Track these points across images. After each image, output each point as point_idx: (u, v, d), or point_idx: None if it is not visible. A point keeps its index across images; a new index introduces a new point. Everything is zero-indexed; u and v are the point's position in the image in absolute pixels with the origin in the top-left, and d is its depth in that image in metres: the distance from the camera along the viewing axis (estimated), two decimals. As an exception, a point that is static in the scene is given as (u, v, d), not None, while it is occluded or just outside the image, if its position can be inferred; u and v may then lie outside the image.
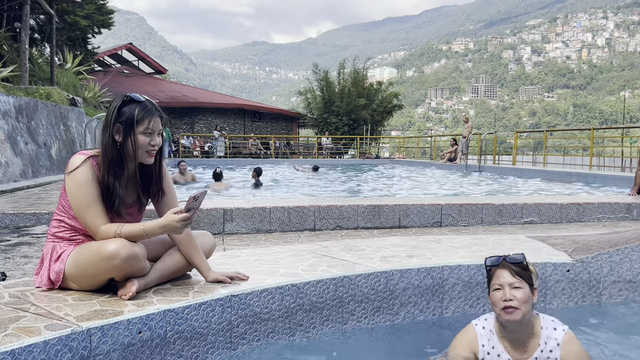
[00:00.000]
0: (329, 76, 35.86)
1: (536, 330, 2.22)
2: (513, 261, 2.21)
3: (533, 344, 2.20)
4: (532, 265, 2.27)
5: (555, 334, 2.20)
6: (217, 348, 2.29)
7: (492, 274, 2.24)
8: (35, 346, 1.74)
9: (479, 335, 2.29)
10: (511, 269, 2.18)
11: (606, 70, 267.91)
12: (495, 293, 2.19)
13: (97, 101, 20.84)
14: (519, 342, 2.22)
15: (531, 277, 2.22)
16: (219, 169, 10.77)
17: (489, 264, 2.27)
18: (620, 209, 6.00)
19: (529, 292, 2.17)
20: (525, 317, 2.16)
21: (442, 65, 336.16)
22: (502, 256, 2.25)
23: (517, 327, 2.19)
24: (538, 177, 12.81)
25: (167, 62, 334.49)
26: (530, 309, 2.18)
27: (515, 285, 2.15)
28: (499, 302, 2.16)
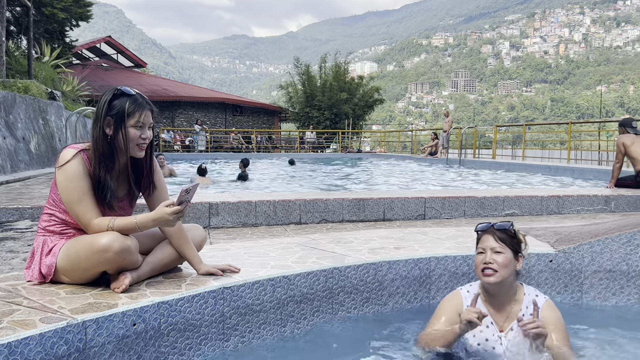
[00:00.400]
0: (310, 70, 35.80)
1: (519, 297, 2.34)
2: (499, 227, 2.33)
3: (515, 309, 2.31)
4: (521, 234, 2.38)
5: (536, 300, 2.31)
6: (210, 339, 2.32)
7: (479, 239, 2.37)
8: (32, 339, 1.75)
9: (463, 297, 2.40)
10: (495, 235, 2.30)
11: (583, 65, 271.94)
12: (478, 256, 2.32)
13: (75, 95, 20.56)
14: (501, 306, 2.32)
15: (517, 245, 2.33)
16: (204, 165, 10.74)
17: (479, 229, 2.39)
18: (598, 201, 6.14)
19: (511, 258, 2.28)
20: (505, 281, 2.26)
21: (422, 59, 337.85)
22: (490, 223, 2.38)
23: (497, 290, 2.30)
24: (518, 170, 13.01)
25: (146, 56, 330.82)
26: (511, 274, 2.28)
27: (496, 250, 2.27)
28: (480, 264, 2.28)
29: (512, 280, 2.31)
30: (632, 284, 3.13)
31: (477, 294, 2.36)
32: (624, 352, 2.50)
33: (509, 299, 2.33)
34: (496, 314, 2.33)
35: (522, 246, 2.35)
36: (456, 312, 2.38)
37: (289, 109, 35.92)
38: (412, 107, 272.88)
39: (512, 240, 2.32)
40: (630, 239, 3.12)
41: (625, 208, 6.22)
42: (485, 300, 2.36)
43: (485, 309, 2.34)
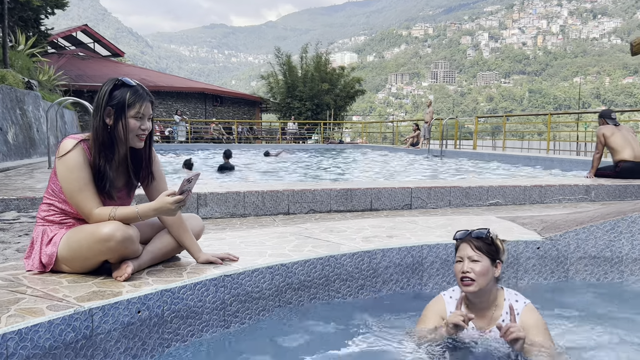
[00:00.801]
0: (291, 61, 35.67)
1: (499, 302, 2.37)
2: (476, 235, 2.35)
3: (496, 315, 2.35)
4: (500, 240, 2.40)
5: (516, 305, 2.34)
6: (211, 326, 2.36)
7: (457, 247, 2.39)
8: (41, 326, 1.77)
9: (446, 303, 2.45)
10: (472, 243, 2.32)
11: (560, 57, 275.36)
12: (456, 265, 2.36)
13: (52, 85, 20.22)
14: (482, 311, 2.36)
15: (495, 252, 2.35)
16: (192, 159, 10.72)
17: (457, 237, 2.42)
18: (579, 191, 6.29)
19: (488, 266, 2.30)
20: (483, 289, 2.30)
21: (402, 50, 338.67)
22: (468, 230, 2.40)
23: (476, 297, 2.33)
24: (498, 161, 13.20)
25: (122, 45, 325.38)
26: (489, 281, 2.31)
27: (473, 259, 2.30)
28: (458, 273, 2.32)
29: (491, 287, 2.34)
30: (615, 270, 3.25)
31: (462, 296, 2.39)
32: (608, 335, 2.60)
33: (489, 304, 2.36)
34: (477, 320, 2.36)
35: (500, 253, 2.38)
36: (439, 316, 2.43)
37: (270, 99, 35.80)
38: (392, 98, 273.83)
39: (490, 248, 2.34)
40: (613, 226, 3.23)
41: (605, 197, 6.38)
42: (467, 306, 2.40)
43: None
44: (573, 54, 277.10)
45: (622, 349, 2.40)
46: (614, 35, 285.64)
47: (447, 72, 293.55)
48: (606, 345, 2.44)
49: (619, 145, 7.05)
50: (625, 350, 2.39)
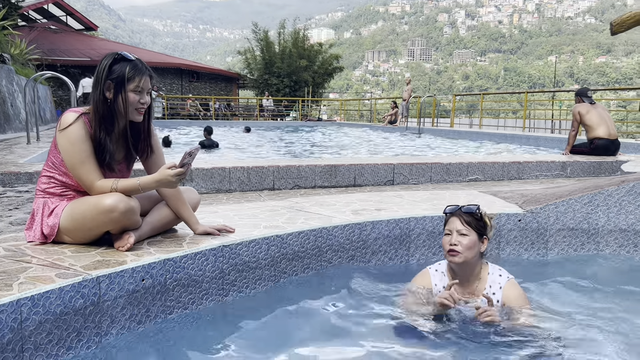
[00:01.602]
0: (268, 36, 35.30)
1: (483, 276, 2.48)
2: (466, 211, 2.46)
3: (480, 288, 2.46)
4: (489, 217, 2.50)
5: (499, 279, 2.47)
6: (210, 294, 2.44)
7: (447, 220, 2.50)
8: (52, 292, 1.84)
9: (431, 275, 2.57)
10: (462, 218, 2.43)
11: (535, 35, 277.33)
12: (445, 237, 2.46)
13: (24, 59, 19.73)
14: (466, 284, 2.47)
15: (483, 228, 2.46)
16: (169, 137, 10.58)
17: (447, 211, 2.52)
18: (555, 167, 6.49)
19: (475, 240, 2.41)
20: (468, 262, 2.40)
21: (379, 27, 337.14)
22: (458, 205, 2.51)
23: (461, 270, 2.44)
24: (475, 138, 13.41)
25: (94, 18, 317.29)
26: (475, 255, 2.42)
27: (462, 232, 2.40)
28: (446, 245, 2.42)
29: (476, 261, 2.44)
30: (591, 241, 3.42)
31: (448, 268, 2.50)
32: (582, 302, 2.76)
33: (473, 277, 2.46)
34: (462, 292, 2.47)
35: (488, 229, 2.48)
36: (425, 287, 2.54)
37: (247, 75, 35.47)
38: (369, 75, 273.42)
39: (478, 223, 2.44)
40: (591, 200, 3.38)
41: (580, 173, 6.60)
42: (453, 278, 2.50)
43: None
44: (548, 32, 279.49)
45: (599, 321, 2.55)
46: (588, 14, 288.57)
47: (423, 50, 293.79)
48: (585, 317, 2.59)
49: (594, 123, 7.26)
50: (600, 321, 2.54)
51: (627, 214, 3.38)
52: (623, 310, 2.60)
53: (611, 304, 2.68)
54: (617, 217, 3.39)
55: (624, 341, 2.28)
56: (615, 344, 2.24)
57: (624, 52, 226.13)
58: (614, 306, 2.66)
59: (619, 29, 3.41)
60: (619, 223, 3.38)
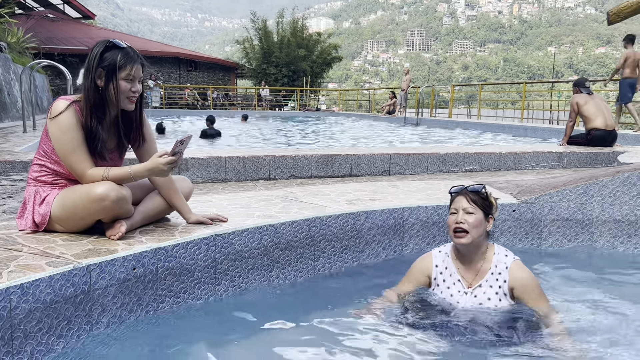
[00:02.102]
0: (267, 25, 35.11)
1: (488, 256, 2.45)
2: (472, 189, 2.43)
3: (484, 267, 2.43)
4: (493, 197, 2.48)
5: (505, 259, 2.43)
6: (202, 283, 2.44)
7: (452, 200, 2.47)
8: (42, 281, 1.83)
9: (434, 257, 2.55)
10: (468, 196, 2.41)
11: (535, 26, 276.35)
12: (450, 217, 2.43)
13: (21, 47, 19.61)
14: (471, 264, 2.45)
15: (489, 207, 2.43)
16: (163, 123, 10.54)
17: (452, 191, 2.50)
18: (552, 158, 6.48)
19: (482, 219, 2.38)
20: (474, 242, 2.37)
21: (379, 17, 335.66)
22: (464, 186, 2.49)
23: (467, 250, 2.42)
24: (473, 129, 13.39)
25: (92, 6, 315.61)
26: (481, 234, 2.39)
27: (468, 211, 2.37)
28: (452, 224, 2.39)
29: (482, 240, 2.41)
30: (585, 231, 3.42)
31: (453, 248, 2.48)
32: (578, 293, 2.76)
33: (478, 257, 2.43)
34: (465, 271, 2.45)
35: (493, 208, 2.46)
36: (424, 274, 2.53)
37: (245, 65, 35.32)
38: (368, 65, 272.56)
39: (484, 202, 2.42)
40: (585, 190, 3.38)
41: (577, 164, 6.59)
42: (456, 258, 2.49)
43: (454, 266, 2.48)
44: (548, 23, 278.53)
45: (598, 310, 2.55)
46: (588, 4, 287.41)
47: (423, 40, 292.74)
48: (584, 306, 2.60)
49: (592, 114, 7.24)
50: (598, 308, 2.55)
51: (621, 205, 3.38)
52: (617, 300, 2.61)
53: (605, 294, 2.69)
54: (612, 207, 3.38)
55: (618, 330, 2.28)
56: (608, 333, 2.25)
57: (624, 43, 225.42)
58: (608, 296, 2.66)
59: (616, 18, 3.39)
60: (613, 214, 3.38)
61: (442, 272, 2.50)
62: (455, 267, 2.48)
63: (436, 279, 2.51)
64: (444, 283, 2.48)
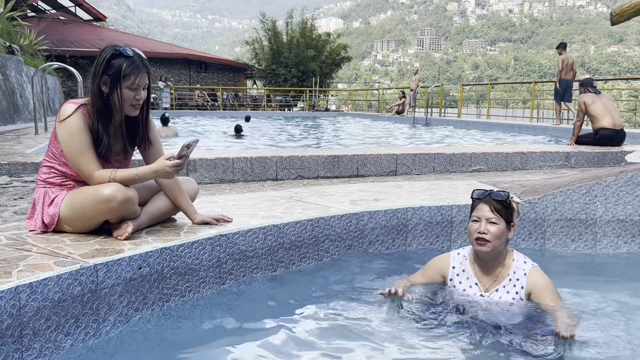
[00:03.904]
0: (276, 26, 35.19)
1: (507, 262, 2.43)
2: (496, 197, 2.36)
3: (503, 273, 2.42)
4: (515, 203, 2.44)
5: (524, 266, 2.41)
6: (207, 283, 2.49)
7: (475, 206, 2.40)
8: (50, 279, 1.89)
9: (452, 258, 2.55)
10: (492, 205, 2.34)
11: (546, 25, 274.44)
12: (472, 224, 2.38)
13: (34, 49, 19.83)
14: (489, 270, 2.44)
15: (511, 215, 2.39)
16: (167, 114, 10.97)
17: (475, 196, 2.42)
18: (559, 157, 6.47)
19: (504, 229, 2.34)
20: (496, 250, 2.35)
21: (389, 16, 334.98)
22: (487, 191, 2.41)
23: (487, 257, 2.40)
24: (482, 128, 13.37)
25: (103, 9, 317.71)
26: (502, 243, 2.37)
27: (492, 220, 2.32)
28: (474, 232, 2.35)
29: (503, 248, 2.39)
30: (589, 231, 3.43)
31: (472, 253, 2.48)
32: (583, 294, 2.78)
33: (497, 263, 2.42)
34: (483, 276, 2.45)
35: (515, 215, 2.41)
36: (440, 274, 2.54)
37: (254, 66, 35.42)
38: (378, 65, 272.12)
39: (507, 211, 2.36)
40: (589, 190, 3.39)
41: (584, 164, 6.58)
42: (474, 262, 2.47)
43: (472, 270, 2.47)
44: (559, 21, 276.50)
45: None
46: (600, 2, 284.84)
47: (433, 39, 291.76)
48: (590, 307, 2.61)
49: (599, 114, 7.22)
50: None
51: (624, 205, 3.39)
52: (620, 300, 2.62)
53: (609, 294, 2.70)
54: (615, 207, 3.39)
55: (621, 330, 2.29)
56: (612, 332, 2.26)
57: (636, 42, 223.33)
58: (611, 296, 2.67)
59: (619, 19, 3.40)
60: (617, 213, 3.39)
61: (458, 274, 2.51)
62: (472, 271, 2.48)
63: (452, 280, 2.52)
64: (460, 285, 2.50)
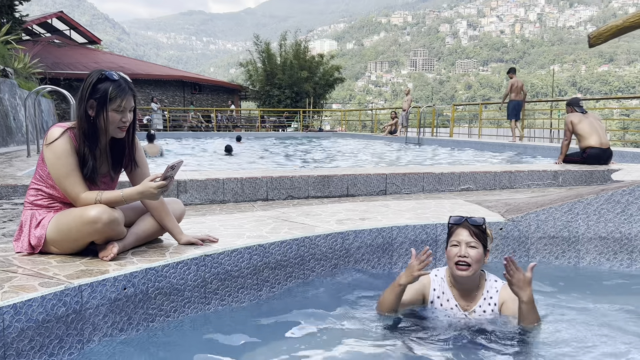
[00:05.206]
0: (270, 48, 35.56)
1: (482, 284, 2.52)
2: (474, 223, 2.44)
3: (478, 294, 2.51)
4: (489, 229, 2.53)
5: (495, 284, 2.51)
6: (193, 303, 2.51)
7: (453, 231, 2.47)
8: (34, 300, 1.91)
9: (432, 280, 2.58)
10: (470, 229, 2.42)
11: (537, 45, 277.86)
12: (452, 248, 2.44)
13: (28, 72, 19.94)
14: (466, 292, 2.51)
15: (487, 240, 2.48)
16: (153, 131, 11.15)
17: (452, 222, 2.49)
18: (547, 176, 6.55)
19: (482, 253, 2.43)
20: (475, 274, 2.43)
21: (382, 38, 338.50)
22: (464, 217, 2.49)
23: (466, 280, 2.46)
24: (473, 148, 13.48)
25: (98, 32, 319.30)
26: (480, 267, 2.45)
27: (471, 245, 2.40)
28: (454, 257, 2.41)
29: (479, 272, 2.47)
30: (572, 249, 3.48)
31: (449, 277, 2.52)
32: (565, 310, 2.81)
33: (474, 286, 2.49)
34: (461, 298, 2.52)
35: (489, 241, 2.50)
36: (420, 293, 2.57)
37: (249, 87, 35.69)
38: (372, 85, 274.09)
39: (483, 236, 2.45)
40: (571, 208, 3.45)
41: (572, 182, 6.66)
42: (452, 285, 2.53)
43: (451, 292, 2.53)
44: (550, 42, 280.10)
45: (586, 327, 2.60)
46: (589, 23, 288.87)
47: (426, 60, 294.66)
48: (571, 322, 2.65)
49: (586, 133, 7.32)
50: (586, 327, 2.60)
51: (606, 222, 3.44)
52: (604, 316, 2.66)
53: (592, 311, 2.74)
54: (597, 225, 3.45)
55: (604, 346, 2.33)
56: (595, 349, 2.29)
57: (626, 61, 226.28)
58: (594, 312, 2.71)
59: (596, 41, 3.49)
60: (598, 231, 3.44)
61: (439, 297, 2.56)
62: (451, 293, 2.54)
63: (433, 302, 2.57)
64: (442, 307, 2.55)
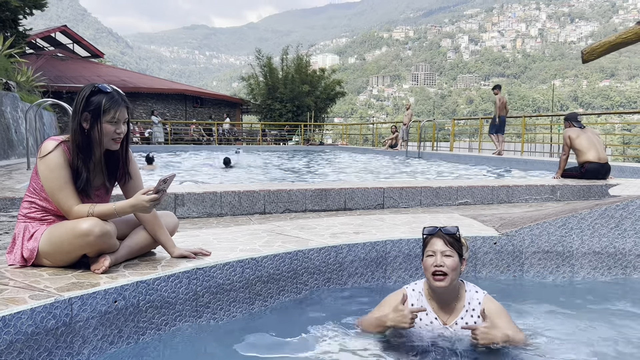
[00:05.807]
0: (272, 62, 35.76)
1: (461, 295, 2.50)
2: (447, 232, 2.46)
3: (459, 306, 2.49)
4: (464, 238, 2.55)
5: (477, 295, 2.50)
6: (184, 316, 2.52)
7: (427, 242, 2.49)
8: (24, 313, 1.92)
9: (408, 295, 2.56)
10: (445, 239, 2.44)
11: (539, 60, 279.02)
12: (427, 259, 2.45)
13: (31, 86, 20.09)
14: (445, 304, 2.49)
15: (462, 249, 2.48)
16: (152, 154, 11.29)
17: (426, 232, 2.51)
18: (545, 191, 6.55)
19: (458, 262, 2.43)
20: (452, 284, 2.42)
21: (383, 52, 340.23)
22: (438, 227, 2.51)
23: (444, 291, 2.45)
24: (473, 162, 13.50)
25: (101, 45, 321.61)
26: (457, 276, 2.45)
27: (446, 254, 2.40)
28: (430, 267, 2.41)
29: (457, 282, 2.47)
30: (566, 263, 3.48)
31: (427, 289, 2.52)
32: (559, 325, 2.81)
33: (453, 297, 2.48)
34: (440, 311, 2.50)
35: (464, 249, 2.51)
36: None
37: (250, 100, 35.85)
38: (374, 100, 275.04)
39: (458, 244, 2.46)
40: (565, 223, 3.45)
41: (570, 197, 6.66)
42: (431, 298, 2.52)
43: (429, 306, 2.52)
44: (551, 57, 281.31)
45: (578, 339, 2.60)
46: (590, 38, 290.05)
47: (427, 75, 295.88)
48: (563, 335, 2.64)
49: (584, 147, 7.34)
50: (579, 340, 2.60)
51: (600, 237, 3.44)
52: (597, 331, 2.65)
53: (586, 326, 2.74)
54: (591, 239, 3.45)
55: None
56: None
57: (627, 76, 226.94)
58: (589, 327, 2.71)
59: (589, 57, 3.52)
60: (592, 246, 3.44)
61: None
62: (430, 306, 2.52)
63: None
64: (421, 321, 2.52)
